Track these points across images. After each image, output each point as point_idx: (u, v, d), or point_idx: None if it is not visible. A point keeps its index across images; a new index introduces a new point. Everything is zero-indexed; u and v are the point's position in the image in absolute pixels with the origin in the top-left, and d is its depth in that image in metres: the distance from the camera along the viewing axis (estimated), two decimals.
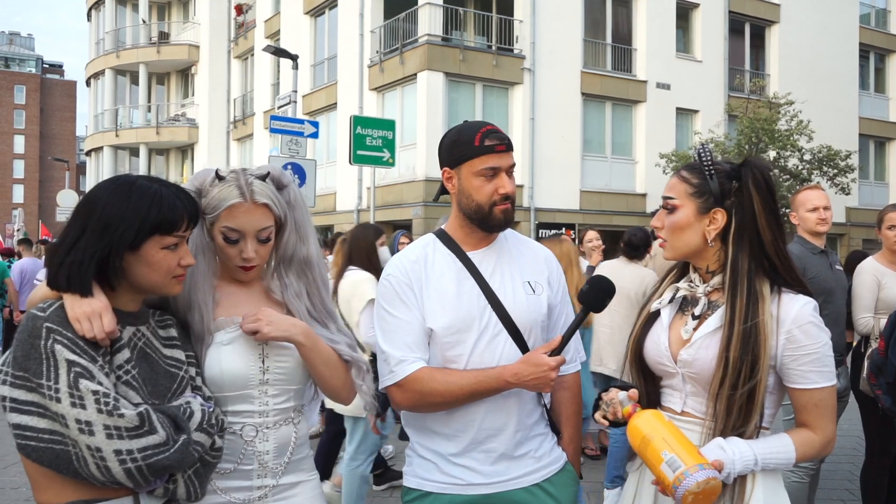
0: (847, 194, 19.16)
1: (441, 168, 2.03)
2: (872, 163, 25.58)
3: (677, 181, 1.83)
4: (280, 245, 1.88)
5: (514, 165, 1.98)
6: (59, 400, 1.41)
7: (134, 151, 31.54)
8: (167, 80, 31.80)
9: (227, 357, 1.77)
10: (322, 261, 1.97)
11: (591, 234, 6.54)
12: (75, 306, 1.50)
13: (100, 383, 1.45)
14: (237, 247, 1.80)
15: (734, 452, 1.65)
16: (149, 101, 31.05)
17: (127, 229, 1.52)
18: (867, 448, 4.02)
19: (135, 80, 31.28)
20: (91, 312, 1.50)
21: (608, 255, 7.01)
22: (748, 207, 1.74)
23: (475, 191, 1.94)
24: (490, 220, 1.96)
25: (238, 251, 1.80)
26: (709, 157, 1.78)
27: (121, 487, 1.49)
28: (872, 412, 3.86)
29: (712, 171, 1.77)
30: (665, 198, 1.84)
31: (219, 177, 1.81)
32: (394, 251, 7.60)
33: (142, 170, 30.17)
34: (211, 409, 1.64)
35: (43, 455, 1.45)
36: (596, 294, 1.90)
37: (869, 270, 4.01)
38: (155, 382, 1.61)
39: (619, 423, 1.78)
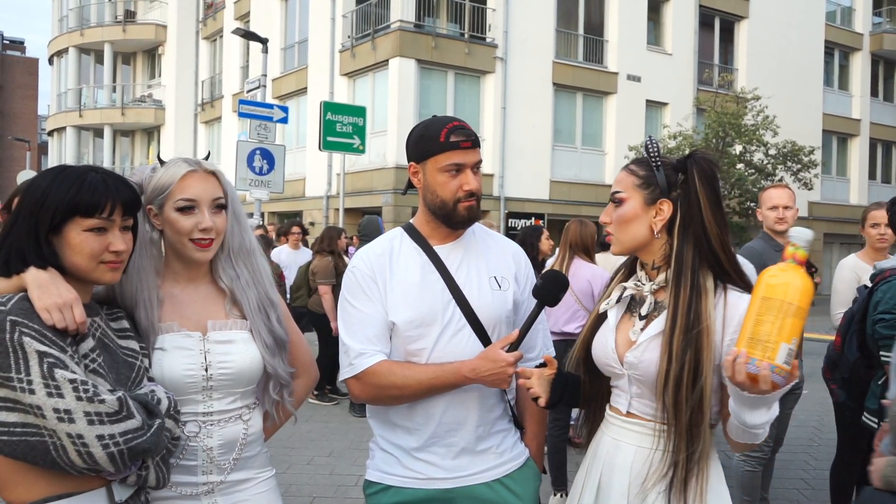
0: (810, 189, 19.46)
1: (408, 163, 2.02)
2: (835, 158, 26.09)
3: (625, 174, 1.83)
4: (226, 236, 1.88)
5: (480, 162, 1.97)
6: (32, 392, 1.40)
7: (98, 132, 30.83)
8: (133, 60, 31.05)
9: (168, 364, 1.75)
10: (261, 250, 1.99)
11: None
12: (44, 297, 1.49)
13: (74, 372, 1.44)
14: (194, 218, 1.78)
15: None
16: (114, 81, 30.32)
17: (46, 211, 1.52)
18: (838, 444, 3.99)
19: (99, 60, 30.51)
20: (62, 304, 1.49)
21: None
22: (694, 199, 1.74)
23: (439, 187, 1.93)
24: (454, 217, 1.95)
25: (195, 223, 1.78)
26: (656, 150, 1.79)
27: (94, 478, 1.50)
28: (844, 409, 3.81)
29: (659, 163, 1.78)
30: (614, 192, 1.84)
31: (161, 161, 1.84)
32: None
33: (106, 151, 29.60)
34: (174, 397, 1.65)
35: (16, 448, 1.43)
36: (550, 288, 1.91)
37: (850, 266, 4.01)
38: (117, 371, 1.60)
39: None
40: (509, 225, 18.63)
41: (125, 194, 1.60)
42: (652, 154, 1.79)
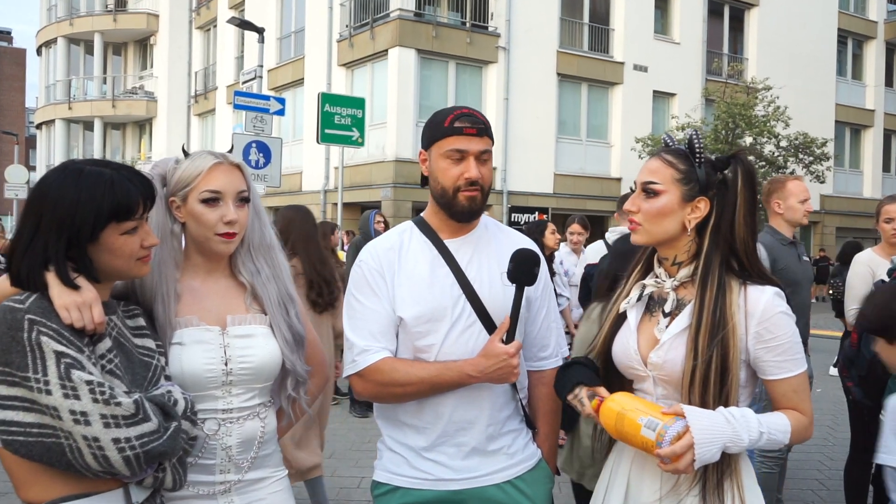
0: (822, 182, 19.23)
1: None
2: (848, 150, 25.88)
3: (662, 165, 1.78)
4: (246, 231, 1.88)
5: (486, 151, 1.93)
6: (49, 392, 1.40)
7: (88, 125, 30.51)
8: (124, 51, 30.76)
9: (188, 358, 1.75)
10: (280, 246, 2.00)
11: (576, 227, 6.37)
12: (63, 295, 1.49)
13: (90, 373, 1.45)
14: (218, 210, 1.78)
15: (737, 414, 1.64)
16: (104, 72, 30.04)
17: (83, 222, 1.50)
18: (852, 443, 3.99)
19: (89, 50, 30.17)
20: (81, 303, 1.50)
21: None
22: (731, 200, 1.74)
23: (441, 173, 1.92)
24: (454, 206, 1.92)
25: (220, 215, 1.79)
26: (700, 145, 1.77)
27: (111, 479, 1.50)
28: (861, 407, 3.84)
29: (702, 160, 1.76)
30: (648, 182, 1.78)
31: (185, 153, 1.86)
32: (370, 231, 7.25)
33: (96, 145, 29.40)
34: (191, 398, 1.64)
35: (32, 449, 1.44)
36: (521, 267, 1.85)
37: (864, 262, 4.03)
38: (132, 372, 1.60)
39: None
40: (512, 220, 18.30)
41: (147, 189, 1.61)
42: (697, 150, 1.77)
